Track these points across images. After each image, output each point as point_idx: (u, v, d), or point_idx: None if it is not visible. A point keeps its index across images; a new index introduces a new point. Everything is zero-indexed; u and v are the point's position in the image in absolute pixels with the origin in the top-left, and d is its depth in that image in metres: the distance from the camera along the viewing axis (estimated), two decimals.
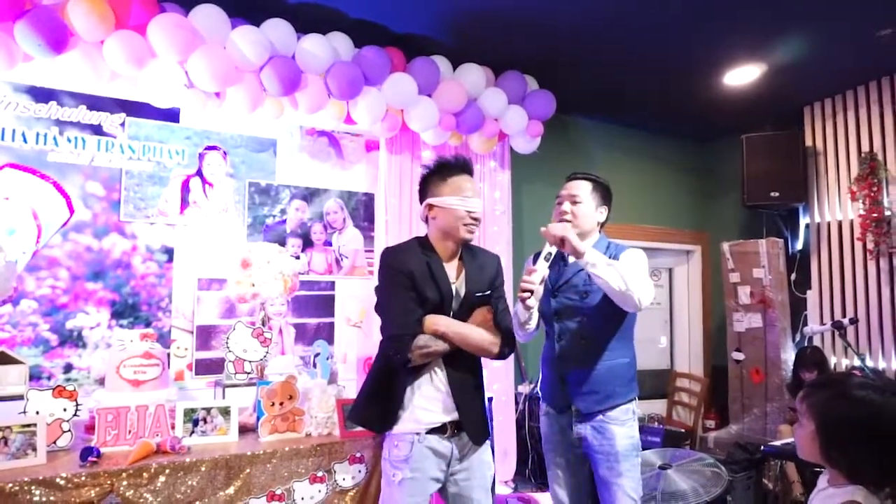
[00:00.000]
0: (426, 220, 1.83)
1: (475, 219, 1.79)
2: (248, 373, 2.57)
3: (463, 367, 1.80)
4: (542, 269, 1.87)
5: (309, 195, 3.35)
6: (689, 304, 5.03)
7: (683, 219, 4.90)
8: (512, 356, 3.47)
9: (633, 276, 1.86)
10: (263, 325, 2.75)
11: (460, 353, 1.76)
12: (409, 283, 1.71)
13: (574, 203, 2.09)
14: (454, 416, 1.77)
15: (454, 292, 1.79)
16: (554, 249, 1.93)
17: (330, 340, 3.27)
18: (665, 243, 4.78)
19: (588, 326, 2.02)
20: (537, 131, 3.53)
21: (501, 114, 3.39)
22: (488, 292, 1.85)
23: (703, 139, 4.93)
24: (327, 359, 2.64)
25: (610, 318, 2.01)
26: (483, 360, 1.89)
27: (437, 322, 1.74)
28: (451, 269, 1.82)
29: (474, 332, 1.77)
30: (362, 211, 3.48)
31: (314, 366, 2.66)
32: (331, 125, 3.29)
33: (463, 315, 1.80)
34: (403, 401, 1.77)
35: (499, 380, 3.52)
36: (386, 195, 3.33)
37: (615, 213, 2.25)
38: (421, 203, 1.82)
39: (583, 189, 2.12)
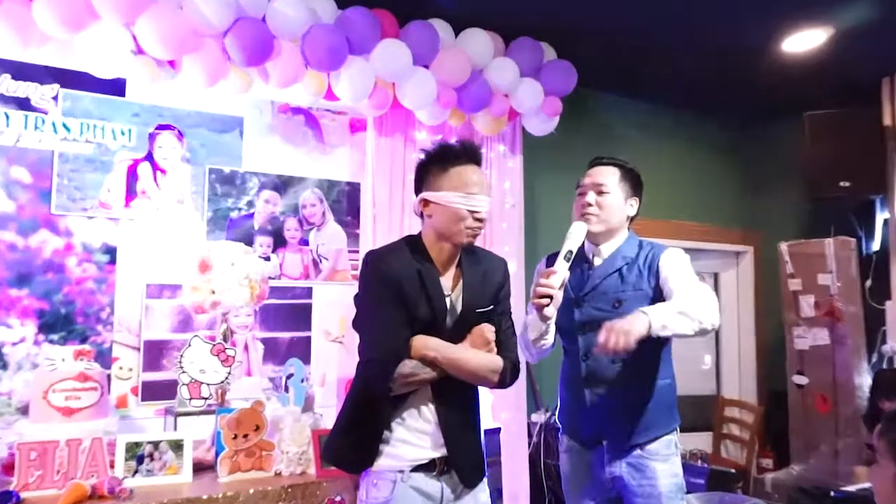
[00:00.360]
0: (421, 216, 1.84)
1: (479, 220, 1.77)
2: (206, 398, 2.58)
3: (456, 395, 1.82)
4: (562, 271, 1.86)
5: (282, 184, 3.35)
6: (738, 316, 5.00)
7: (731, 214, 4.87)
8: (523, 377, 3.58)
9: (698, 302, 1.87)
10: (225, 340, 2.75)
11: (453, 379, 1.78)
12: (395, 295, 1.72)
13: (600, 193, 2.10)
14: (443, 451, 1.79)
15: (449, 307, 1.80)
16: (575, 248, 1.93)
17: (306, 359, 3.28)
18: (709, 243, 4.77)
19: None
20: (555, 109, 3.51)
21: (512, 88, 3.36)
22: (490, 307, 1.86)
23: (756, 118, 4.87)
24: (302, 381, 2.64)
25: None
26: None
27: (428, 345, 1.75)
28: (447, 278, 1.83)
29: (471, 359, 1.78)
30: (345, 204, 3.48)
31: (286, 389, 2.66)
32: (308, 101, 3.26)
33: (458, 334, 1.81)
34: (384, 434, 1.78)
35: (507, 407, 3.47)
36: (374, 185, 3.31)
37: (647, 208, 2.25)
38: (416, 196, 1.83)
39: (610, 177, 2.12)
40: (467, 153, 1.79)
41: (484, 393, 2.08)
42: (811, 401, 4.17)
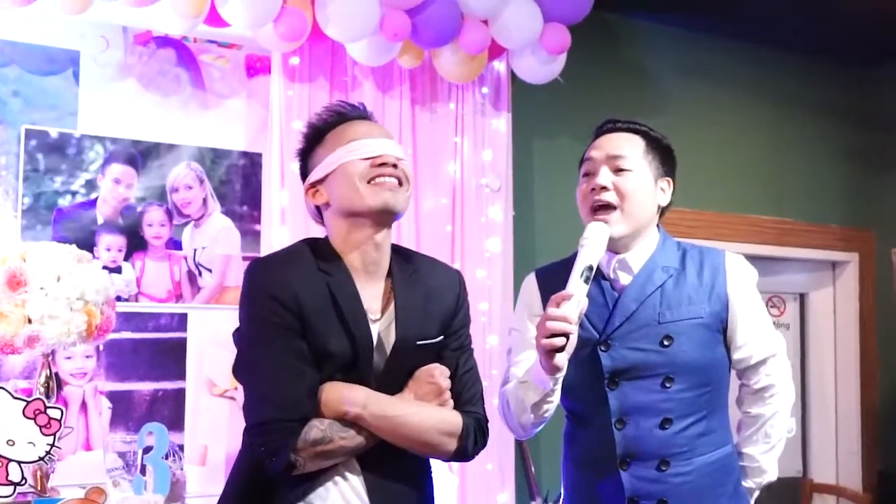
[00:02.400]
0: (319, 216, 1.87)
1: (385, 164, 1.76)
2: (17, 483, 2.44)
3: (395, 472, 1.76)
4: (580, 294, 1.83)
5: (140, 156, 3.21)
6: (836, 360, 4.80)
7: (829, 205, 4.68)
8: (511, 451, 3.42)
9: (784, 401, 2.06)
10: (48, 395, 2.64)
11: (389, 448, 1.74)
12: (294, 324, 1.69)
13: (618, 171, 2.04)
14: None
15: (376, 340, 1.78)
16: (597, 260, 1.92)
17: (175, 424, 3.15)
18: (792, 248, 4.56)
19: (675, 397, 2.00)
20: (561, 43, 3.36)
21: (495, 10, 3.23)
22: (439, 339, 1.83)
23: (866, 61, 4.66)
24: (166, 457, 2.56)
25: (710, 377, 2.03)
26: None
27: (347, 397, 1.70)
28: (372, 294, 1.80)
29: (415, 415, 1.74)
30: (239, 186, 3.35)
31: (142, 471, 2.57)
32: (181, 28, 3.10)
33: (392, 380, 1.77)
34: None
35: (486, 497, 3.37)
36: (283, 157, 3.19)
37: (696, 195, 2.32)
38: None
39: (631, 147, 2.08)
40: (344, 117, 1.83)
41: (445, 473, 2.06)
42: None
